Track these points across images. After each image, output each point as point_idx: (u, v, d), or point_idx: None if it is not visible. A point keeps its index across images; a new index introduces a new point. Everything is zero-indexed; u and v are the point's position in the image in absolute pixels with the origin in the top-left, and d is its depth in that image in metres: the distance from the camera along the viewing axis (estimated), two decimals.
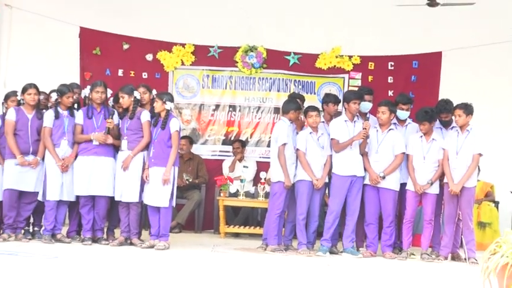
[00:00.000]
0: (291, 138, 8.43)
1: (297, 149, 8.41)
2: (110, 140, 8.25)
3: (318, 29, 11.37)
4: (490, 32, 10.98)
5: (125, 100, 8.27)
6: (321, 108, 8.90)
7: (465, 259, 8.11)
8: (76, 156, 8.29)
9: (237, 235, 10.30)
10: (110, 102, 8.57)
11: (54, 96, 8.35)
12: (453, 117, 8.27)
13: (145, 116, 8.25)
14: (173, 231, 10.03)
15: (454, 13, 10.17)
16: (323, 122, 8.69)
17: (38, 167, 8.26)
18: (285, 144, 8.34)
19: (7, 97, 8.52)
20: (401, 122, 8.73)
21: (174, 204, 8.33)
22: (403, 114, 8.67)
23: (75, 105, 8.54)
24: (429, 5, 9.55)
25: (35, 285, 5.20)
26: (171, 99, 8.29)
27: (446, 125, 8.46)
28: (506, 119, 11.06)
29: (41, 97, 8.42)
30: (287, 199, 8.44)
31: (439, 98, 9.84)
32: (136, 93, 8.29)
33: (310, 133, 8.43)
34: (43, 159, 8.29)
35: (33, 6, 11.33)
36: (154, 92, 8.60)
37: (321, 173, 8.39)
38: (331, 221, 8.36)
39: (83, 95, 8.53)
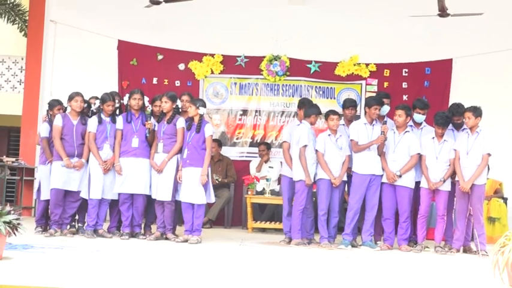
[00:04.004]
0: (311, 140, 8.43)
1: (316, 150, 8.39)
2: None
3: (337, 39, 11.38)
4: (498, 40, 10.93)
5: (167, 106, 8.31)
6: (341, 112, 8.89)
7: (476, 252, 8.03)
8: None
9: (263, 230, 10.30)
10: (149, 107, 8.60)
11: (97, 103, 8.45)
12: (463, 120, 8.20)
13: (180, 122, 8.28)
14: (204, 226, 10.04)
15: (463, 23, 10.09)
16: (343, 124, 8.68)
17: (82, 169, 8.33)
18: (305, 146, 8.34)
19: (52, 106, 8.58)
20: (417, 124, 8.68)
21: (214, 199, 8.49)
22: (419, 117, 8.62)
23: (117, 112, 8.58)
24: (440, 15, 9.47)
25: (79, 277, 5.23)
26: (204, 105, 8.31)
27: (457, 127, 8.39)
28: None
29: (85, 105, 8.48)
30: (309, 196, 8.43)
31: (450, 102, 9.80)
32: (178, 102, 8.35)
33: (329, 135, 8.42)
34: (87, 161, 8.36)
35: (76, 22, 11.49)
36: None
37: (340, 172, 8.37)
38: (351, 216, 8.33)
39: (124, 102, 8.59)
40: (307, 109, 8.57)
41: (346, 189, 8.73)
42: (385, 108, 8.65)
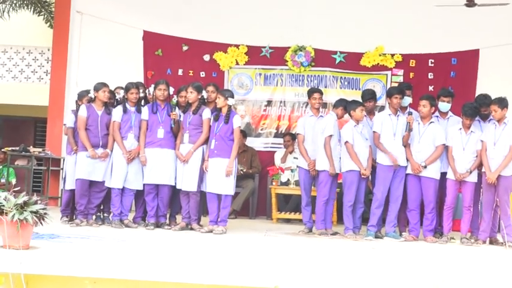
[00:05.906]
0: (336, 131, 8.41)
1: (346, 142, 8.35)
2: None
3: (362, 30, 11.31)
4: None
5: (193, 96, 8.31)
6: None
7: (502, 243, 7.97)
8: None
9: (288, 221, 10.29)
10: (174, 98, 8.62)
11: (121, 92, 8.49)
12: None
13: (206, 113, 8.27)
14: (229, 217, 10.05)
15: (490, 12, 9.98)
16: (365, 115, 8.65)
17: (107, 159, 8.36)
18: (331, 135, 8.32)
19: (81, 97, 8.63)
20: (444, 114, 8.61)
21: (233, 192, 8.38)
22: (444, 106, 8.56)
23: (142, 102, 8.61)
24: (467, 5, 9.40)
25: (105, 266, 5.27)
26: (232, 96, 8.31)
27: (484, 118, 8.31)
28: None
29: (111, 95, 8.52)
30: (333, 187, 8.42)
31: (476, 93, 9.71)
32: (204, 92, 8.34)
33: (355, 126, 8.38)
34: (111, 150, 8.38)
35: (102, 12, 11.55)
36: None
37: (366, 163, 8.33)
38: (376, 207, 8.30)
39: (149, 93, 8.61)
40: (338, 101, 8.64)
41: (370, 178, 8.70)
42: (407, 100, 8.59)
